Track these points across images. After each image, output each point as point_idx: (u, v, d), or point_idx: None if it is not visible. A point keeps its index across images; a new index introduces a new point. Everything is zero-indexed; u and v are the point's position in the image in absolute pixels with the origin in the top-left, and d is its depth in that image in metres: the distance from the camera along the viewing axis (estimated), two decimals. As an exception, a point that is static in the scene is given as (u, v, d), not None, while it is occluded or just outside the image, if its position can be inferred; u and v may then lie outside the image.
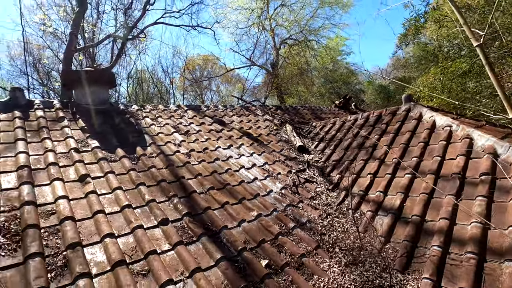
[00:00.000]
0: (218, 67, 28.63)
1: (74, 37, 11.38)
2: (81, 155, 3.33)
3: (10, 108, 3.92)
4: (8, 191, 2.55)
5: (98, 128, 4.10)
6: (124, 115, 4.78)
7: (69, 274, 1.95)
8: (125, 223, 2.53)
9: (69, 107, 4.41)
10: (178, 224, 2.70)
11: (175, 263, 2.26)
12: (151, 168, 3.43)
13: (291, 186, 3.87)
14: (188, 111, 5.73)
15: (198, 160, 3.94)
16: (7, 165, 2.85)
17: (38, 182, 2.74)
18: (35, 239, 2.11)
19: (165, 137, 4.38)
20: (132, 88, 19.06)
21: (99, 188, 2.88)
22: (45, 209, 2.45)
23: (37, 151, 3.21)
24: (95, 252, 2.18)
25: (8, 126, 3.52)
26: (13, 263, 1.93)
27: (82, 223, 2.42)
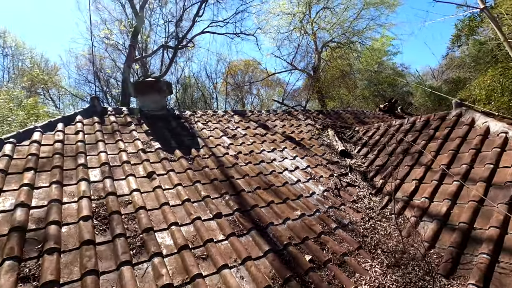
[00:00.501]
0: (259, 72, 29.24)
1: (132, 49, 12.68)
2: (147, 155, 3.87)
3: (90, 114, 4.66)
4: (95, 183, 3.11)
5: (159, 131, 4.66)
6: (179, 120, 5.33)
7: (146, 252, 2.37)
8: (186, 215, 2.93)
9: (135, 113, 5.07)
10: (230, 218, 3.03)
11: (229, 251, 2.58)
12: (204, 168, 3.84)
13: (333, 189, 4.00)
14: (234, 116, 6.14)
15: (245, 161, 4.27)
16: (93, 162, 3.46)
17: (116, 176, 3.29)
18: (119, 223, 2.59)
19: (215, 140, 4.80)
20: (180, 94, 20.40)
21: (163, 183, 3.34)
22: (123, 199, 2.96)
23: (113, 151, 3.81)
24: (164, 236, 2.60)
25: (90, 129, 4.21)
26: (105, 240, 2.41)
27: (152, 212, 2.87)
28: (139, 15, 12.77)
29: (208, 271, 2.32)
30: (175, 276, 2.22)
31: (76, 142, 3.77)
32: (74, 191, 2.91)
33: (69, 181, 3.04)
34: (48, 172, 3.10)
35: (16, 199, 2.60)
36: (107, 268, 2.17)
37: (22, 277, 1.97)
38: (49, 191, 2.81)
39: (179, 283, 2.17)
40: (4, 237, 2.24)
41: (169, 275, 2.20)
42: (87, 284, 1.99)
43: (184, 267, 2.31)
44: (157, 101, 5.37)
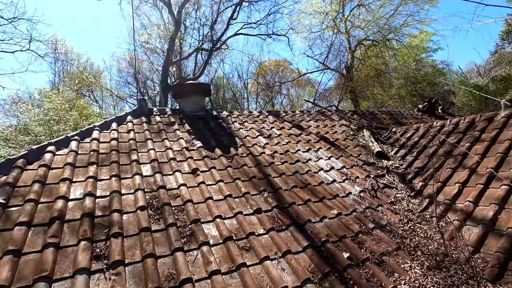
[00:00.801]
0: (289, 72, 29.18)
1: (170, 52, 13.36)
2: (190, 153, 4.16)
3: (138, 114, 5.09)
4: (147, 177, 3.43)
5: (199, 131, 4.96)
6: (217, 120, 5.60)
7: (195, 241, 2.61)
8: (228, 209, 3.14)
9: (177, 113, 5.43)
10: (269, 214, 3.19)
11: (270, 245, 2.74)
12: (243, 166, 4.04)
13: (369, 190, 4.00)
14: (269, 117, 6.30)
15: (281, 161, 4.41)
16: (144, 158, 3.81)
17: (165, 172, 3.59)
18: (170, 213, 2.86)
19: (251, 139, 5.00)
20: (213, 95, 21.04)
21: (206, 179, 3.59)
22: (172, 193, 3.24)
23: (160, 149, 4.14)
24: (210, 228, 2.82)
25: (139, 129, 4.61)
26: (159, 228, 2.69)
27: (198, 205, 3.11)
28: (176, 19, 13.44)
29: (252, 261, 2.49)
30: (222, 264, 2.42)
31: (128, 140, 4.16)
32: (130, 184, 3.25)
33: (125, 175, 3.40)
34: (108, 166, 3.48)
35: (84, 189, 2.98)
36: (163, 253, 2.43)
37: (95, 255, 2.28)
38: (110, 183, 3.17)
39: (226, 270, 2.37)
40: (78, 221, 2.59)
41: (217, 262, 2.41)
42: (148, 266, 2.25)
43: (229, 256, 2.50)
44: (197, 102, 5.69)
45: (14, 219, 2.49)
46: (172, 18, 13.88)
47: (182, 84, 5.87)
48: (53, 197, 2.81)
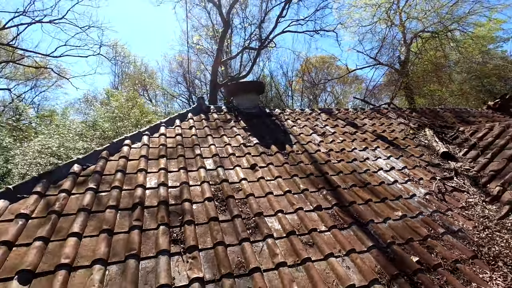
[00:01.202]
0: (334, 68, 28.23)
1: (219, 52, 13.83)
2: (247, 149, 4.30)
3: (197, 112, 5.40)
4: (211, 171, 3.65)
5: (254, 128, 5.10)
6: (271, 117, 5.69)
7: (260, 233, 2.71)
8: (288, 204, 3.20)
9: (232, 110, 5.65)
10: (329, 211, 3.17)
11: (332, 242, 2.73)
12: (299, 163, 4.07)
13: (436, 193, 3.74)
14: (321, 114, 6.22)
15: (337, 159, 4.34)
16: (206, 153, 4.04)
17: (226, 166, 3.78)
18: (234, 205, 3.01)
19: (305, 137, 4.99)
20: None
21: (265, 175, 3.69)
22: (234, 186, 3.40)
23: (219, 144, 4.36)
24: (272, 221, 2.91)
25: (199, 125, 4.90)
26: (226, 219, 2.85)
27: (259, 199, 3.22)
28: (225, 20, 13.86)
29: (316, 257, 2.52)
30: (287, 257, 2.49)
31: (191, 135, 4.45)
32: (196, 176, 3.48)
33: (191, 168, 3.65)
34: (175, 159, 3.77)
35: (158, 180, 3.28)
36: (231, 242, 2.58)
37: (172, 239, 2.51)
38: (179, 175, 3.43)
39: (291, 263, 2.43)
40: (155, 208, 2.87)
41: (282, 255, 2.48)
42: (219, 252, 2.41)
43: (293, 250, 2.56)
44: (251, 100, 5.84)
45: (104, 202, 2.84)
46: (221, 19, 14.35)
47: (237, 82, 6.09)
48: (133, 185, 3.14)
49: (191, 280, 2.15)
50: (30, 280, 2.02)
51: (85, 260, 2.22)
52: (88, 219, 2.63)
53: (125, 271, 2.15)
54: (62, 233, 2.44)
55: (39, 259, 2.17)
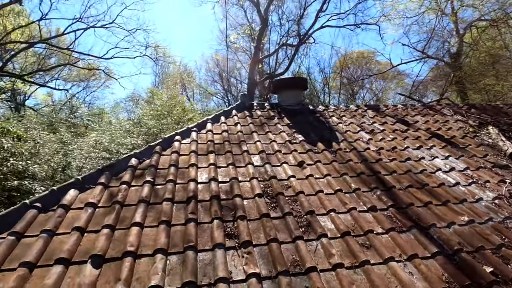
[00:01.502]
0: (374, 63, 26.84)
1: (257, 50, 13.87)
2: (293, 146, 4.23)
3: (240, 109, 5.45)
4: (258, 167, 3.64)
5: (299, 125, 5.01)
6: (314, 114, 5.56)
7: (313, 232, 2.64)
8: (340, 204, 3.08)
9: (275, 107, 5.61)
10: (385, 213, 2.99)
11: (391, 245, 2.57)
12: (348, 161, 3.90)
13: (507, 198, 3.36)
14: (368, 111, 5.93)
15: (389, 158, 4.09)
16: (252, 149, 4.05)
17: (273, 163, 3.75)
18: (285, 202, 2.97)
19: (353, 134, 4.79)
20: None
21: (313, 173, 3.60)
22: (283, 183, 3.36)
23: (264, 141, 4.34)
24: (325, 221, 2.82)
25: (244, 122, 4.93)
26: (277, 216, 2.82)
27: (309, 197, 3.15)
28: (263, 18, 13.84)
29: (374, 260, 2.38)
30: (343, 258, 2.39)
31: (236, 132, 4.49)
32: (245, 172, 3.50)
33: (239, 164, 3.68)
34: (223, 155, 3.83)
35: (208, 175, 3.35)
36: (284, 239, 2.54)
37: (226, 233, 2.54)
38: (228, 171, 3.48)
39: (349, 265, 2.33)
40: (208, 202, 2.93)
41: (339, 255, 2.39)
42: (273, 249, 2.39)
43: (350, 251, 2.45)
44: (295, 97, 5.76)
45: (161, 195, 2.97)
46: (259, 17, 14.36)
47: (281, 78, 6.04)
48: (186, 179, 3.25)
49: (248, 275, 2.15)
50: (101, 264, 2.17)
51: (147, 249, 2.34)
52: (147, 210, 2.76)
53: (185, 261, 2.22)
54: (125, 222, 2.59)
55: (107, 245, 2.32)
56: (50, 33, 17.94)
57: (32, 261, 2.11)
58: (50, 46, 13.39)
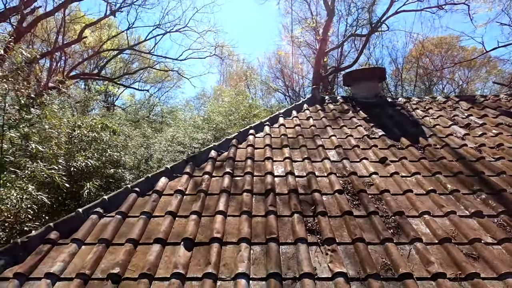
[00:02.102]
0: (457, 50, 23.27)
1: (323, 42, 13.36)
2: (372, 141, 3.92)
3: (312, 103, 5.29)
4: (336, 162, 3.47)
5: (377, 118, 4.62)
6: (394, 107, 5.06)
7: (405, 235, 2.39)
8: (435, 206, 2.72)
9: (349, 100, 5.29)
10: (495, 220, 2.54)
11: (507, 259, 2.16)
12: (441, 159, 3.43)
13: None
14: (460, 103, 5.15)
15: (494, 156, 3.47)
16: (327, 144, 3.89)
17: (351, 159, 3.53)
18: (369, 201, 2.75)
19: (443, 129, 4.21)
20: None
21: (398, 170, 3.27)
22: (364, 180, 3.13)
23: (340, 135, 4.12)
24: (417, 224, 2.52)
25: (316, 116, 4.77)
26: (361, 214, 2.63)
27: (396, 197, 2.86)
28: (330, 9, 13.23)
29: (486, 274, 2.03)
30: (444, 267, 2.10)
31: (309, 126, 4.37)
32: (322, 167, 3.37)
33: (315, 158, 3.56)
34: (298, 150, 3.76)
35: (285, 168, 3.32)
36: (371, 240, 2.35)
37: (308, 228, 2.47)
38: (304, 165, 3.40)
39: (452, 276, 2.03)
40: (286, 195, 2.90)
41: (439, 264, 2.10)
42: (360, 249, 2.23)
43: (452, 261, 2.14)
44: (370, 89, 5.34)
45: (240, 186, 3.06)
46: (326, 7, 13.79)
47: (355, 70, 5.67)
48: (263, 172, 3.28)
49: (335, 274, 2.04)
50: (191, 247, 2.33)
51: (232, 237, 2.42)
52: (229, 200, 2.86)
53: (269, 253, 2.23)
54: (210, 210, 2.74)
55: (196, 230, 2.48)
56: (134, 40, 20.38)
57: (136, 239, 2.38)
58: (136, 52, 15.15)
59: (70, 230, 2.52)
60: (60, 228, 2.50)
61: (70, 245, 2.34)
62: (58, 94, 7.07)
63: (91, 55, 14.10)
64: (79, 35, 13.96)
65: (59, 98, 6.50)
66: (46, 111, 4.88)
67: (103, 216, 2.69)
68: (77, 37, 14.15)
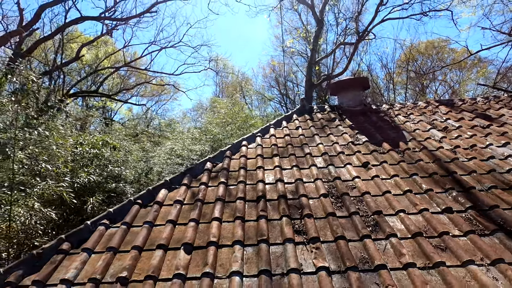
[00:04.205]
0: (447, 52, 23.92)
1: (314, 52, 13.82)
2: (356, 147, 4.22)
3: (301, 112, 5.61)
4: (322, 169, 3.76)
5: (361, 125, 4.94)
6: (378, 114, 5.39)
7: (381, 231, 2.66)
8: (410, 205, 3.00)
9: (336, 109, 5.62)
10: (463, 215, 2.82)
11: (470, 249, 2.43)
12: (418, 161, 3.73)
13: None
14: (439, 107, 5.49)
15: (467, 157, 3.78)
16: (315, 151, 4.18)
17: (336, 164, 3.82)
18: (350, 202, 3.04)
19: (422, 133, 4.53)
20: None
21: (379, 173, 3.56)
22: (347, 184, 3.41)
23: (327, 143, 4.42)
24: (394, 221, 2.80)
25: (305, 125, 5.09)
26: (343, 215, 2.91)
27: (376, 198, 3.14)
28: (319, 19, 13.75)
29: (451, 262, 2.30)
30: (415, 258, 2.37)
31: (298, 135, 4.67)
32: (309, 174, 3.66)
33: (303, 165, 3.85)
34: (287, 158, 4.05)
35: (275, 176, 3.61)
36: (352, 237, 2.62)
37: (295, 230, 2.74)
38: (293, 172, 3.68)
39: (421, 265, 2.30)
40: (276, 201, 3.18)
41: (410, 255, 2.37)
42: (341, 246, 2.50)
43: (422, 252, 2.41)
44: (355, 97, 5.68)
45: (234, 194, 3.33)
46: (314, 19, 14.31)
47: (340, 80, 6.02)
48: (255, 181, 3.56)
49: (318, 268, 2.31)
50: (190, 251, 2.59)
51: (227, 240, 2.68)
52: (224, 207, 3.14)
53: (260, 253, 2.49)
54: (207, 217, 3.00)
55: (194, 235, 2.75)
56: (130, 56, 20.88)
57: (140, 246, 2.64)
58: (133, 68, 15.57)
59: (79, 241, 2.77)
60: (71, 239, 2.75)
61: (81, 254, 2.60)
62: (58, 112, 7.37)
63: (89, 73, 14.51)
64: (77, 54, 14.38)
65: (60, 117, 6.79)
66: (53, 132, 5.17)
67: (109, 227, 2.95)
68: (74, 55, 14.58)
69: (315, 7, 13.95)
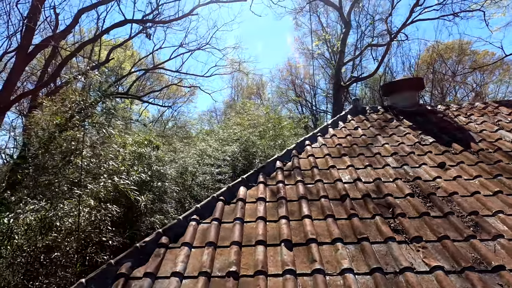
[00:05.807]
0: (469, 54, 23.32)
1: (342, 54, 13.73)
2: (425, 147, 4.15)
3: (354, 113, 5.57)
4: (397, 169, 3.71)
5: (422, 126, 4.85)
6: (435, 114, 5.29)
7: (485, 232, 2.60)
8: (505, 205, 2.92)
9: (390, 110, 5.55)
10: None
11: None
12: (498, 162, 3.63)
13: None
14: (500, 108, 5.34)
15: (549, 158, 3.66)
16: (383, 151, 4.13)
17: (410, 165, 3.76)
18: (441, 203, 2.98)
19: (491, 134, 4.41)
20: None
21: (459, 174, 3.48)
22: (430, 184, 3.35)
23: (392, 143, 4.36)
24: (494, 222, 2.73)
25: (363, 126, 5.04)
26: (437, 215, 2.86)
27: (466, 199, 3.07)
28: (347, 21, 13.68)
29: None
30: (532, 260, 2.30)
31: (360, 136, 4.64)
32: (385, 173, 3.62)
33: (376, 165, 3.81)
34: (357, 158, 4.02)
35: (351, 175, 3.58)
36: (455, 238, 2.57)
37: (393, 228, 2.71)
38: (368, 172, 3.65)
39: (542, 267, 2.23)
40: (361, 200, 3.15)
41: (527, 257, 2.30)
42: (448, 246, 2.45)
43: (538, 254, 2.34)
44: (409, 98, 5.60)
45: (315, 192, 3.33)
46: (342, 21, 14.26)
47: (393, 81, 5.95)
48: (332, 180, 3.54)
49: (432, 267, 2.27)
50: (291, 247, 2.59)
51: (324, 237, 2.67)
52: (309, 205, 3.13)
53: (364, 251, 2.47)
54: (295, 215, 3.00)
55: (290, 232, 2.75)
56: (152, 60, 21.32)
57: (239, 241, 2.66)
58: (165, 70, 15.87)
59: (175, 235, 2.82)
60: (168, 233, 2.81)
61: (183, 248, 2.64)
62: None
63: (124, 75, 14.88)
64: (107, 57, 14.79)
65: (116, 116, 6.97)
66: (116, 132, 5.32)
67: (200, 222, 2.99)
68: (104, 58, 14.99)
69: (342, 8, 13.90)
